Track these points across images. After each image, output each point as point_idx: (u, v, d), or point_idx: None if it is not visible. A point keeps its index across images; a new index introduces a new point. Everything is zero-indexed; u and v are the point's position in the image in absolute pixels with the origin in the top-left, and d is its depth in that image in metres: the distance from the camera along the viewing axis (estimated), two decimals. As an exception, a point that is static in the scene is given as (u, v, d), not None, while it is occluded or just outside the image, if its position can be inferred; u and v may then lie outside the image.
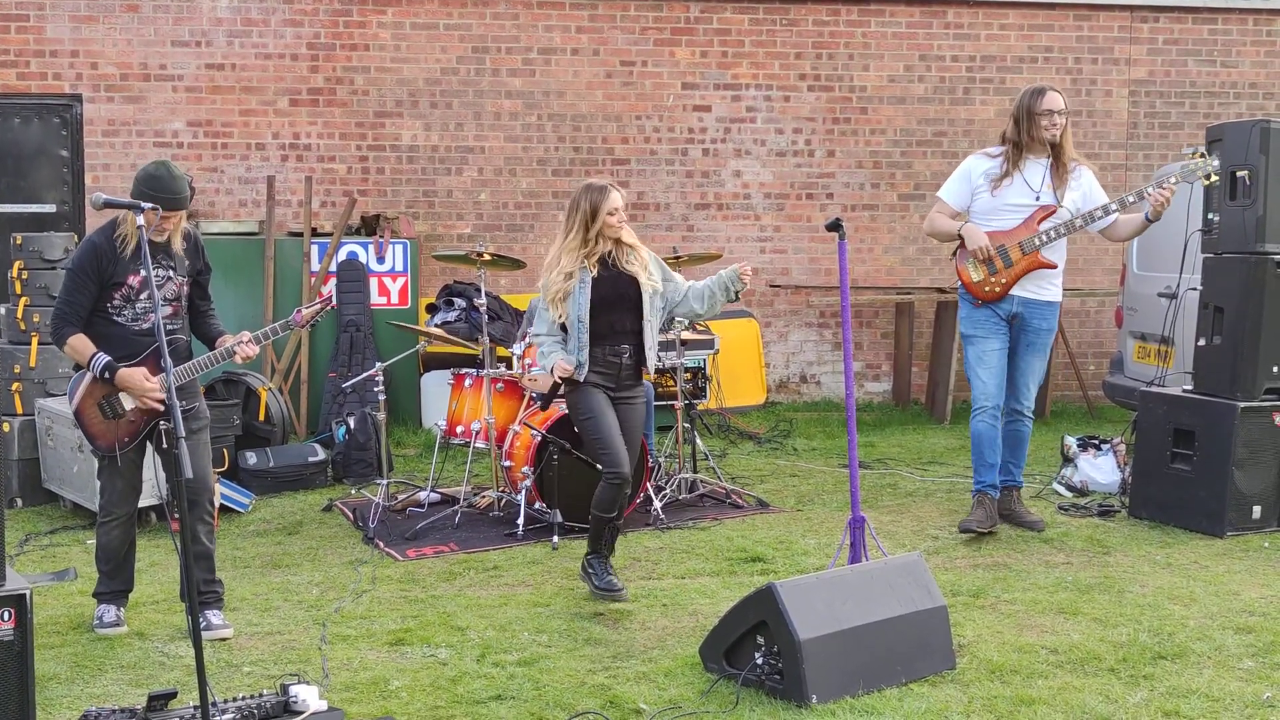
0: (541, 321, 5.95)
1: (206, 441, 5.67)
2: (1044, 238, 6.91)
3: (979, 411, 7.06)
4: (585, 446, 5.98)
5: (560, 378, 5.82)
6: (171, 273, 5.50)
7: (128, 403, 5.41)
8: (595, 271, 5.79)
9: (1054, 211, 6.94)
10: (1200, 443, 7.09)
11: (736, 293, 5.95)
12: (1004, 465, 7.15)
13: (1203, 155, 6.98)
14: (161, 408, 5.35)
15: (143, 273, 5.34)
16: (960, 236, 6.99)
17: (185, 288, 5.58)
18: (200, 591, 5.49)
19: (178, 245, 5.50)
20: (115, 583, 5.62)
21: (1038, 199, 6.95)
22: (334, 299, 5.90)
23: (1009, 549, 6.77)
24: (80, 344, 5.35)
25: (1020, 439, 7.19)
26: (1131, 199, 6.99)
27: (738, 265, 5.92)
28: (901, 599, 4.95)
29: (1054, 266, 7.02)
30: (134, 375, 5.34)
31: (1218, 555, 6.63)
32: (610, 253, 5.85)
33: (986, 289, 6.97)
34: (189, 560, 4.26)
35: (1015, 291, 6.97)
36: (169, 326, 5.44)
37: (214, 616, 5.51)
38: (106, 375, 5.33)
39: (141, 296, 5.42)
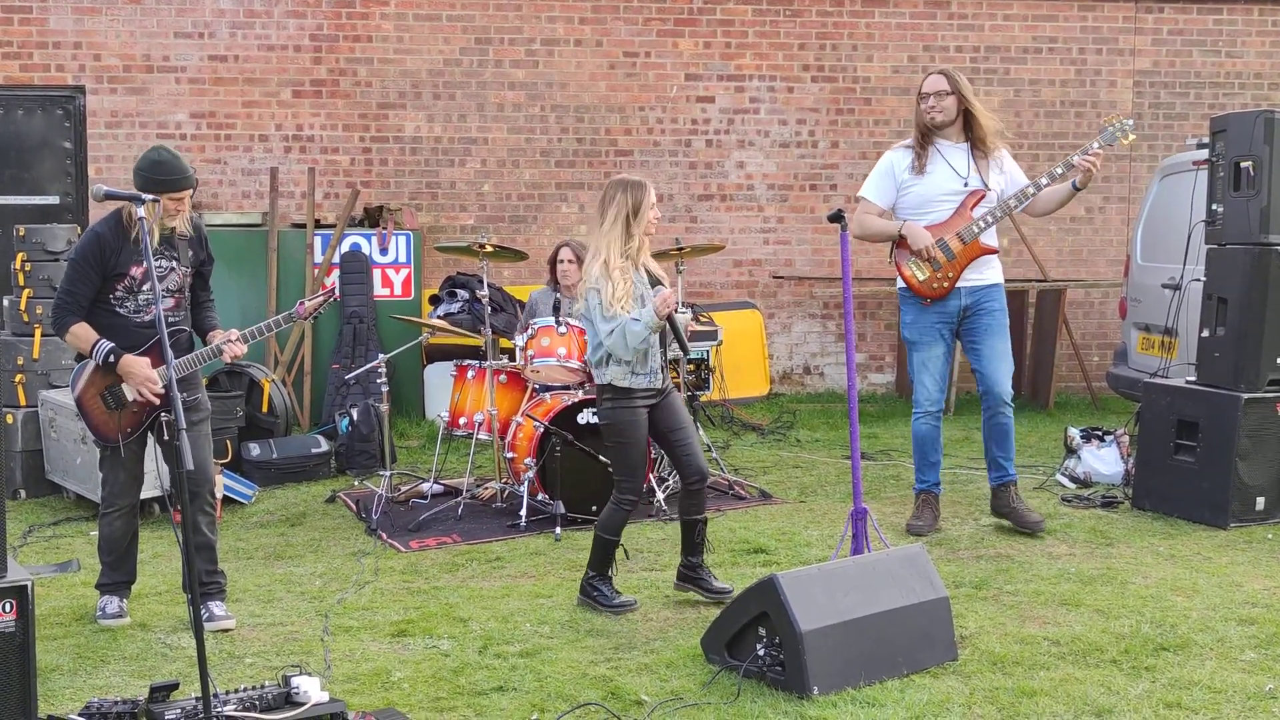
0: (605, 324, 5.48)
1: (208, 433, 5.67)
2: (981, 224, 6.76)
3: (921, 415, 6.96)
4: (611, 464, 5.86)
5: (664, 314, 5.41)
6: (174, 264, 5.50)
7: (130, 393, 5.41)
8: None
9: (984, 196, 6.80)
10: (1204, 434, 7.08)
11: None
12: (993, 461, 6.97)
13: (1118, 117, 6.93)
14: (157, 402, 5.34)
15: (145, 264, 5.33)
16: (902, 235, 6.80)
17: (188, 279, 5.57)
18: (202, 583, 5.50)
19: (181, 232, 5.49)
20: (118, 574, 5.63)
21: (965, 184, 6.80)
22: (337, 291, 5.86)
23: (1011, 540, 6.77)
24: (83, 332, 5.35)
25: (1005, 432, 6.91)
26: (1060, 170, 6.85)
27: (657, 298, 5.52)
28: (903, 590, 4.94)
29: (995, 252, 6.90)
30: (137, 363, 5.33)
31: (1221, 547, 6.62)
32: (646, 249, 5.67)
33: (934, 286, 6.79)
34: (190, 552, 4.26)
35: (959, 284, 6.81)
36: (171, 318, 5.44)
37: (216, 608, 5.51)
38: (111, 360, 5.32)
39: (144, 288, 5.42)
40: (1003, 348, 6.90)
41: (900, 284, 6.93)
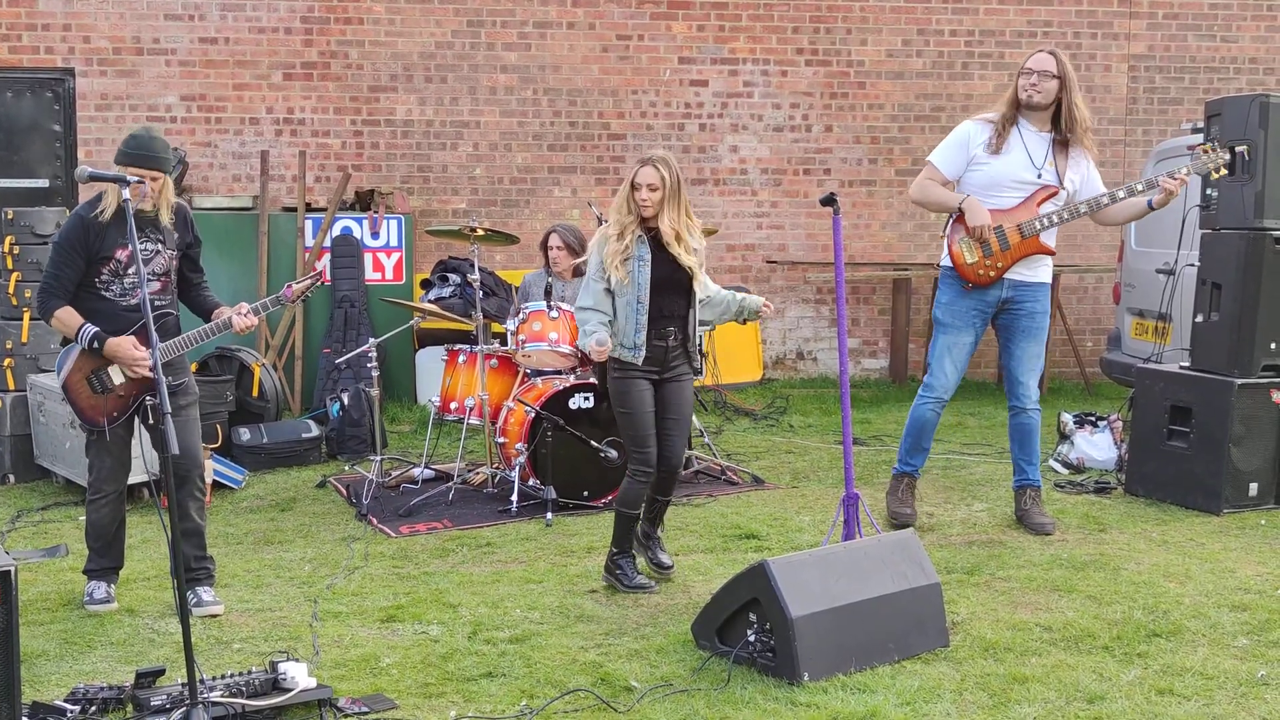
0: (587, 293, 5.65)
1: (195, 417, 5.63)
2: (1045, 222, 6.49)
3: (929, 399, 6.71)
4: (621, 436, 5.87)
5: (597, 359, 5.61)
6: (160, 246, 5.45)
7: (116, 376, 5.37)
8: (654, 250, 5.59)
9: (1055, 193, 6.52)
10: (1197, 420, 7.07)
11: (745, 320, 5.96)
12: (1017, 464, 6.82)
13: (1213, 148, 6.69)
14: (149, 374, 5.30)
15: (130, 247, 5.29)
16: (961, 210, 6.50)
17: (174, 262, 5.53)
18: (190, 568, 5.47)
19: (166, 218, 5.45)
20: (105, 560, 5.59)
21: (1039, 176, 6.51)
22: (326, 274, 5.83)
23: (1004, 526, 6.75)
24: (68, 316, 5.31)
25: (1029, 433, 6.74)
26: (1140, 187, 6.59)
27: (762, 300, 5.92)
28: (895, 576, 4.92)
29: (1053, 253, 6.64)
30: (123, 344, 5.29)
31: (1214, 533, 6.61)
32: (667, 236, 5.59)
33: (980, 272, 6.51)
34: (177, 537, 4.24)
35: (1006, 275, 6.55)
36: (157, 301, 5.40)
37: (205, 593, 5.48)
38: (95, 345, 5.28)
39: (129, 271, 5.37)
40: (1037, 350, 6.70)
41: (946, 261, 6.62)
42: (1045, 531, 6.59)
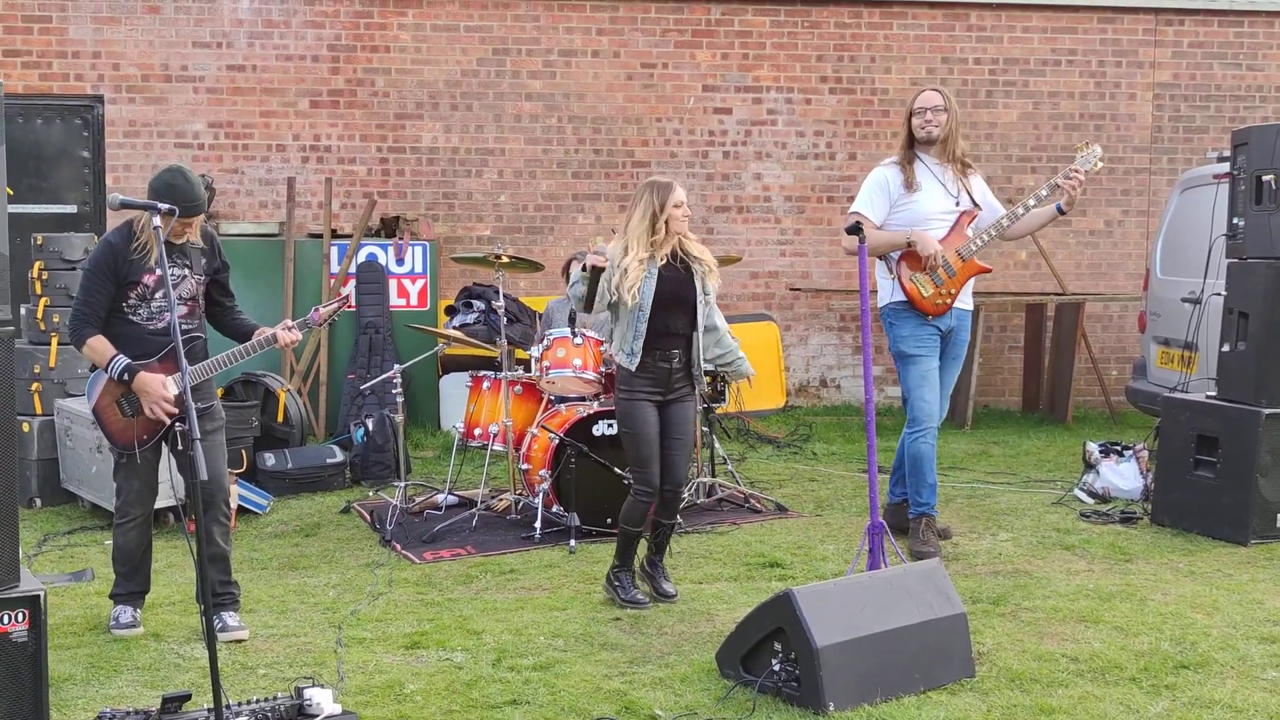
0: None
1: (222, 442, 5.65)
2: (978, 242, 6.75)
3: (923, 432, 6.81)
4: (627, 458, 5.96)
5: (594, 265, 5.69)
6: (187, 271, 5.49)
7: (145, 404, 5.40)
8: (661, 264, 5.78)
9: (975, 215, 6.82)
10: (1224, 449, 7.03)
11: (732, 378, 6.25)
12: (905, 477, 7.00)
13: (1085, 144, 6.90)
14: (169, 420, 5.33)
15: (158, 271, 5.33)
16: (911, 243, 6.68)
17: (202, 287, 5.56)
18: (216, 593, 5.49)
19: (194, 242, 5.49)
20: (132, 584, 5.60)
21: (957, 203, 6.80)
22: (351, 298, 5.87)
23: (1029, 556, 6.72)
24: (99, 345, 5.34)
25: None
26: (1045, 192, 6.83)
27: (752, 373, 6.27)
28: (920, 606, 4.90)
29: (990, 271, 6.93)
30: (152, 382, 5.31)
31: (1241, 563, 6.56)
32: (678, 254, 5.85)
33: (937, 303, 6.73)
34: (204, 563, 4.25)
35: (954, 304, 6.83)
36: (184, 326, 5.43)
37: (230, 618, 5.49)
38: (125, 378, 5.32)
39: (157, 295, 5.41)
40: (955, 376, 7.05)
41: (898, 298, 6.79)
42: (947, 535, 7.02)
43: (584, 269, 5.79)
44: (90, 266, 5.38)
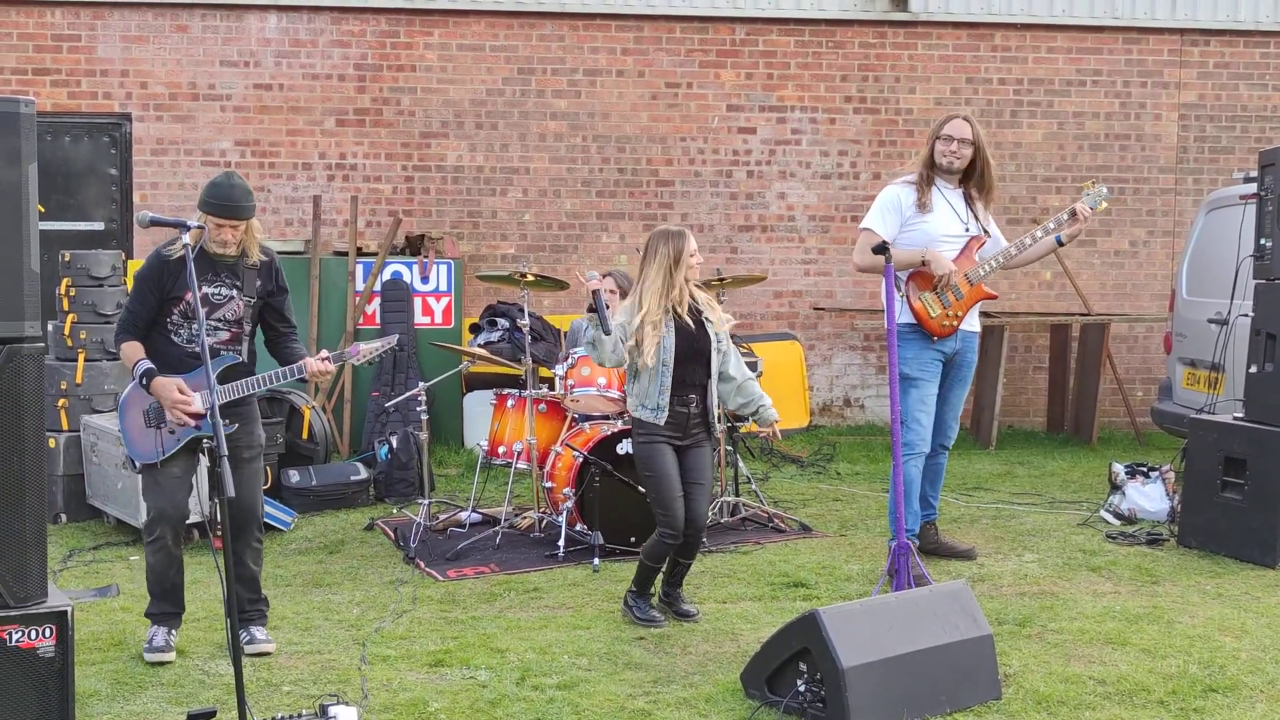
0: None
1: (259, 470, 5.63)
2: (986, 268, 6.75)
3: (914, 456, 6.78)
4: (650, 501, 5.96)
5: (593, 290, 5.71)
6: (235, 292, 5.47)
7: (169, 413, 5.39)
8: (677, 319, 5.82)
9: (984, 242, 6.84)
10: (1251, 471, 6.98)
11: (753, 420, 6.20)
12: (924, 499, 6.97)
13: (1092, 183, 6.94)
14: (192, 422, 5.32)
15: (204, 289, 5.35)
16: (925, 262, 6.67)
17: (249, 310, 5.53)
18: (244, 609, 5.50)
19: (255, 257, 5.48)
20: (165, 604, 5.54)
21: (967, 229, 6.81)
22: (395, 340, 5.81)
23: (1055, 577, 6.68)
24: (131, 350, 5.38)
25: (941, 471, 7.07)
26: (1052, 224, 6.82)
27: (776, 417, 6.06)
28: (946, 627, 4.88)
29: (996, 297, 6.98)
30: (168, 385, 5.30)
31: (1270, 586, 6.51)
32: (692, 306, 5.89)
33: (944, 324, 6.74)
34: (231, 581, 4.26)
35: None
36: (224, 351, 5.43)
37: (258, 631, 5.51)
38: (144, 381, 5.33)
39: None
40: (962, 398, 7.06)
41: (905, 319, 6.74)
42: (972, 556, 7.00)
43: (589, 309, 5.89)
44: (138, 276, 5.44)
